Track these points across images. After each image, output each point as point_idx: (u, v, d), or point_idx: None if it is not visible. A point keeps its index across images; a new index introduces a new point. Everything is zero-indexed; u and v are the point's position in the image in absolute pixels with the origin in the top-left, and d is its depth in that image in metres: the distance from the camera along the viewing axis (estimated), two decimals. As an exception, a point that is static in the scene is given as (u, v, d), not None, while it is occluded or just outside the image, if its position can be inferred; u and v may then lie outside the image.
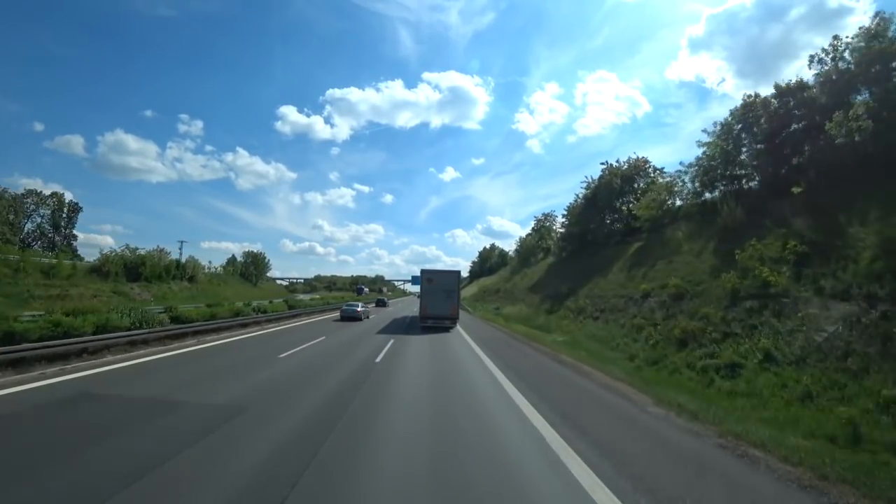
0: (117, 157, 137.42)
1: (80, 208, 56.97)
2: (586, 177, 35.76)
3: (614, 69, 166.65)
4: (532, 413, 6.09)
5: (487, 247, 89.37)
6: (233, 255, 64.67)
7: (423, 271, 23.02)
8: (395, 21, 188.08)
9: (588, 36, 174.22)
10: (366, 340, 15.29)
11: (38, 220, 54.36)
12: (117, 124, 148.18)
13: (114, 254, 32.49)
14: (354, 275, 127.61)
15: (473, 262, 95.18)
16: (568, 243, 34.07)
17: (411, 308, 42.76)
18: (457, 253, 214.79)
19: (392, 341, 14.79)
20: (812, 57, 14.89)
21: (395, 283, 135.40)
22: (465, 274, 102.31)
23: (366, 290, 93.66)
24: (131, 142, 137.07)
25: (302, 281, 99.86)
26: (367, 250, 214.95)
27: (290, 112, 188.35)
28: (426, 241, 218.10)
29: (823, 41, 78.72)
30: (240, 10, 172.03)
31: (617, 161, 29.35)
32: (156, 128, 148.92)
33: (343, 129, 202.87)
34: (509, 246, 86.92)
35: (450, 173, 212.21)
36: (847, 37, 13.85)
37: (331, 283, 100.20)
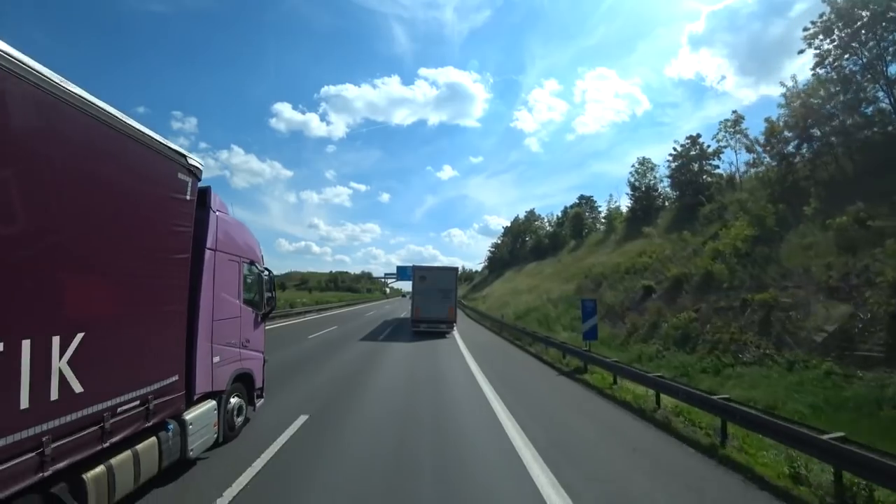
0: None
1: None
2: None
3: (614, 66, 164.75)
4: None
5: (522, 217, 63.87)
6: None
7: (415, 268, 22.22)
8: (389, 18, 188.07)
9: (588, 32, 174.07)
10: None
11: None
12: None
13: None
14: (333, 271, 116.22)
15: (495, 245, 71.67)
16: None
17: (386, 316, 31.91)
18: (453, 252, 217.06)
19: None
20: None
21: (387, 281, 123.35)
22: (477, 265, 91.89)
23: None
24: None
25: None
26: (364, 249, 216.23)
27: (284, 109, 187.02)
28: (423, 240, 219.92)
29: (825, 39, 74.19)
30: (233, 6, 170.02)
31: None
32: (149, 124, 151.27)
33: (339, 126, 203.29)
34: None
35: (447, 172, 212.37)
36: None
37: (302, 282, 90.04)
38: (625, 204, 35.66)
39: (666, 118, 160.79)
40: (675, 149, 26.81)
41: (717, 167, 24.95)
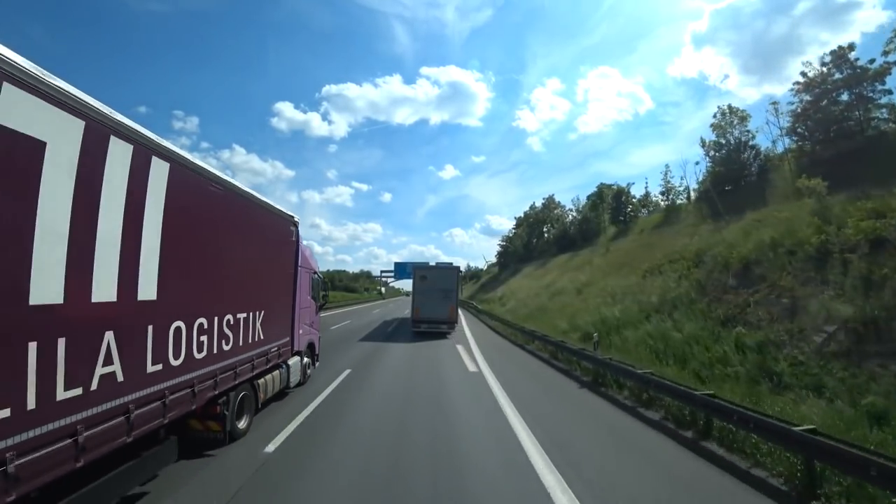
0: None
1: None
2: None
3: (617, 65, 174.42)
4: None
5: (539, 204, 57.67)
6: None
7: (415, 268, 21.85)
8: (390, 17, 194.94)
9: (590, 31, 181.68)
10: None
11: None
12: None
13: None
14: (331, 270, 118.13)
15: (507, 238, 65.80)
16: None
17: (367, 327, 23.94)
18: (455, 252, 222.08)
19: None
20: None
21: (386, 280, 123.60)
22: (482, 263, 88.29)
23: None
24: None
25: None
26: (365, 249, 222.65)
27: (286, 108, 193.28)
28: (424, 240, 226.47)
29: (830, 36, 70.65)
30: (234, 5, 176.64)
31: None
32: (150, 124, 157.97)
33: (340, 125, 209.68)
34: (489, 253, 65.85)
35: (449, 171, 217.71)
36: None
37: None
38: (680, 175, 31.09)
39: (668, 117, 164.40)
40: (803, 74, 19.47)
41: (890, 92, 17.07)
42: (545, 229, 54.77)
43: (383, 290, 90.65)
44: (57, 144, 2.96)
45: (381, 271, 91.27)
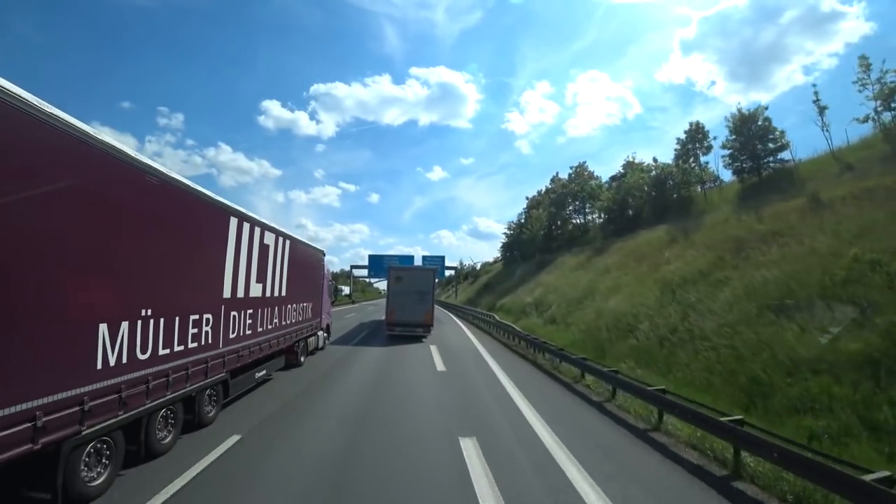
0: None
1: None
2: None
3: (607, 69, 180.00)
4: None
5: (564, 176, 45.80)
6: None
7: (390, 267, 22.12)
8: (380, 17, 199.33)
9: (580, 35, 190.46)
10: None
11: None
12: (93, 116, 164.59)
13: None
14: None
15: (517, 225, 50.99)
16: None
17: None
18: (442, 254, 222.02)
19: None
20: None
21: (369, 280, 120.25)
22: (475, 261, 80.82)
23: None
24: (108, 134, 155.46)
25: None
26: (352, 250, 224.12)
27: (273, 107, 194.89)
28: (411, 241, 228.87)
29: (815, 46, 73.66)
30: (222, 1, 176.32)
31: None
32: (134, 120, 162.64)
33: (328, 125, 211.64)
34: (489, 251, 53.59)
35: (437, 173, 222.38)
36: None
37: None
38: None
39: (655, 122, 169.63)
40: None
41: None
42: (570, 210, 43.66)
43: (347, 289, 61.20)
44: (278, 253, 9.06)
45: (352, 266, 69.47)
